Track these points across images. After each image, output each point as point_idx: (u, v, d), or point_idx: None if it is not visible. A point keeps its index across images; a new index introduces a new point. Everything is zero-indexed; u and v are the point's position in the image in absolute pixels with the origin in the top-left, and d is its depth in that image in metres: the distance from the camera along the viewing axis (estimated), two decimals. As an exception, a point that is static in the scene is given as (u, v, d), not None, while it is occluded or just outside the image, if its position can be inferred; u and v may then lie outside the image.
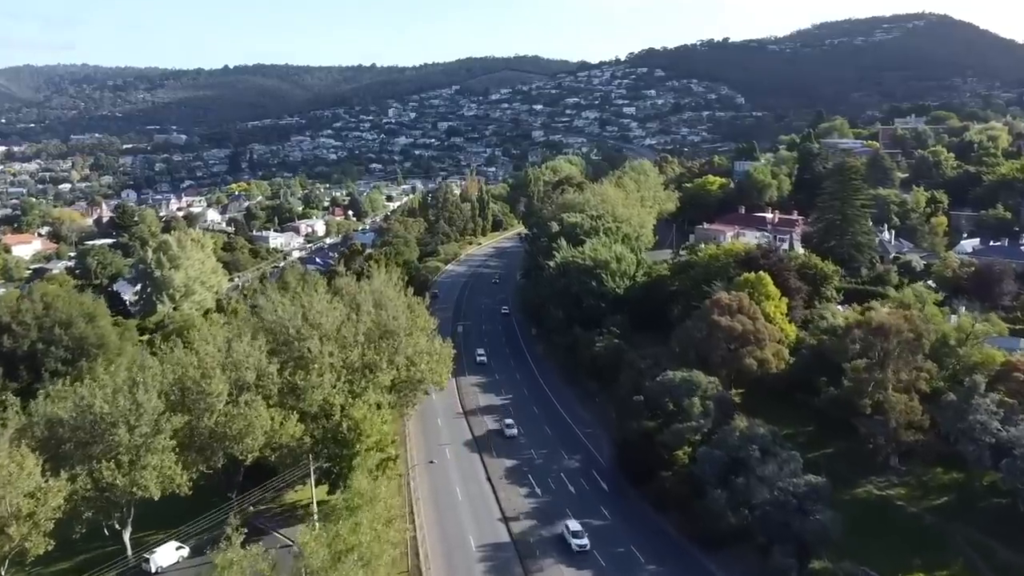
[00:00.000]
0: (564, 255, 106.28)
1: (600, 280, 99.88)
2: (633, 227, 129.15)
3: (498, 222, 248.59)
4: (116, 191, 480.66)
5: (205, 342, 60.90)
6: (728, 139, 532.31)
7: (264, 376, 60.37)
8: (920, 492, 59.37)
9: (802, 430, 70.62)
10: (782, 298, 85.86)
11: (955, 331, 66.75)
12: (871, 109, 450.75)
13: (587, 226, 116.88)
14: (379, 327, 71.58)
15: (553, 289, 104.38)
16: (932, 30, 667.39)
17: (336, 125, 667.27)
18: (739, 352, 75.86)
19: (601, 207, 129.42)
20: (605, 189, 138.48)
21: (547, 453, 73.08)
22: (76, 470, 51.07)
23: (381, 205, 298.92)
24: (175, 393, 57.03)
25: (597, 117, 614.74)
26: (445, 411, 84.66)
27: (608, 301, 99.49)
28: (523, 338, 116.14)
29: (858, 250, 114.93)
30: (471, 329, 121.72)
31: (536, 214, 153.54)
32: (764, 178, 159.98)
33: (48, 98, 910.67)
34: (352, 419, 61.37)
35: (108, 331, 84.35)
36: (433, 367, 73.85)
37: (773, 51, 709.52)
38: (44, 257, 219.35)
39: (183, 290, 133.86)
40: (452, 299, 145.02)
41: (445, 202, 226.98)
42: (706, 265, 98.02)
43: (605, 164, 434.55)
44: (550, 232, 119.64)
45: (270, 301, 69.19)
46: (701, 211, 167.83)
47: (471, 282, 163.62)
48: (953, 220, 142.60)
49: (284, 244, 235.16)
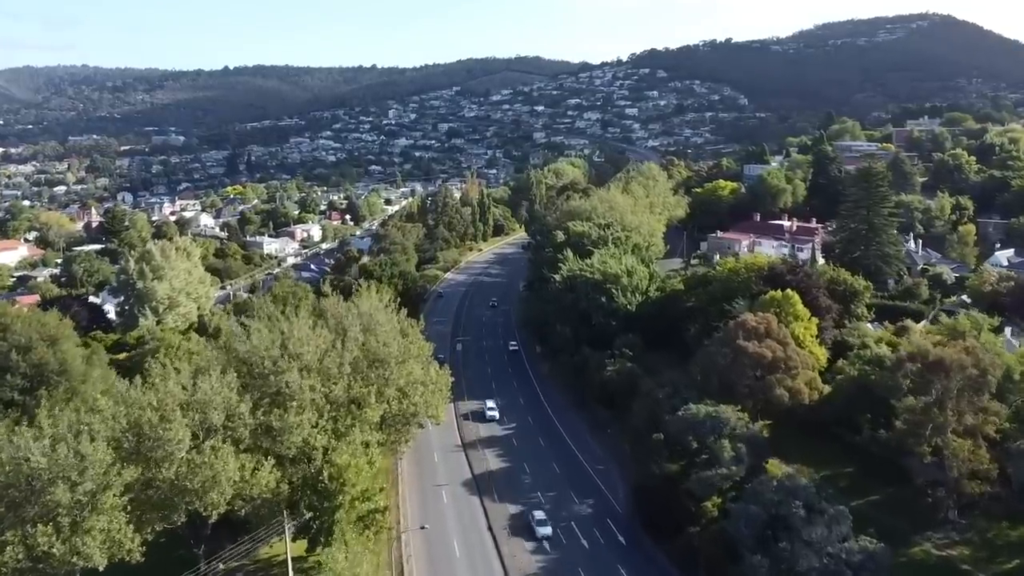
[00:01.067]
0: (571, 267, 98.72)
1: (610, 296, 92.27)
2: (643, 236, 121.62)
3: (499, 227, 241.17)
4: (112, 193, 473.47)
5: (167, 376, 53.36)
6: (731, 140, 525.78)
7: (234, 417, 52.86)
8: (986, 552, 51.71)
9: (841, 471, 63.09)
10: (811, 318, 78.45)
11: (1019, 362, 59.10)
12: (876, 110, 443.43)
13: (595, 235, 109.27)
14: (368, 355, 64.05)
15: (559, 305, 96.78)
16: (935, 31, 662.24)
17: (335, 126, 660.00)
18: (768, 381, 68.34)
19: (609, 215, 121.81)
20: (613, 195, 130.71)
21: (555, 496, 65.41)
22: (6, 536, 43.53)
23: (379, 209, 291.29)
24: (129, 440, 49.40)
25: (599, 118, 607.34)
26: (442, 443, 77.11)
27: (619, 318, 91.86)
28: (527, 356, 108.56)
29: (885, 262, 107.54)
30: (471, 346, 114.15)
31: (539, 221, 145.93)
32: (778, 183, 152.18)
33: (47, 99, 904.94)
34: (335, 466, 53.88)
35: (72, 355, 76.91)
36: (428, 399, 66.29)
37: (776, 52, 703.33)
38: (29, 264, 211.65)
39: (167, 302, 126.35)
40: (451, 311, 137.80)
41: (445, 206, 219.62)
42: (725, 280, 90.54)
43: (608, 166, 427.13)
44: (555, 242, 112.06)
45: (245, 327, 61.58)
46: (712, 217, 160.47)
47: (471, 291, 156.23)
48: (980, 228, 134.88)
49: (279, 250, 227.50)
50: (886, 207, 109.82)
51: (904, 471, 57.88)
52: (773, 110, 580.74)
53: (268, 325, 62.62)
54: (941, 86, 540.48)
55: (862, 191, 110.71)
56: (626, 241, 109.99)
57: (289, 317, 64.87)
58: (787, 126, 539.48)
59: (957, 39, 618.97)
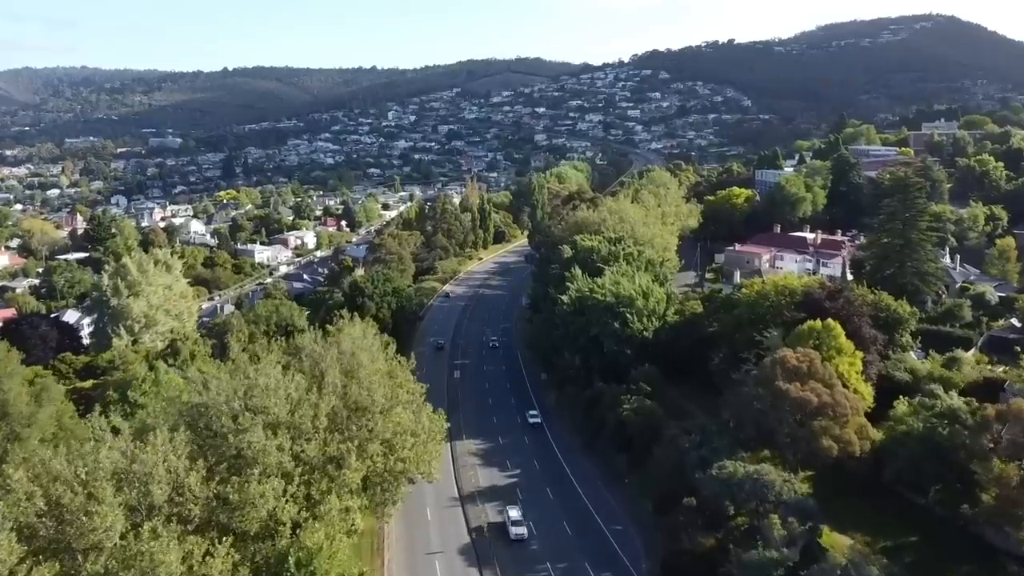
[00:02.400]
0: (580, 288, 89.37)
1: (624, 321, 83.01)
2: (656, 250, 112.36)
3: (500, 234, 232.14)
4: (106, 197, 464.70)
5: (101, 439, 44.20)
6: (736, 142, 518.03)
7: (182, 490, 43.69)
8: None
9: (904, 541, 53.65)
10: (855, 351, 69.22)
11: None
12: (881, 112, 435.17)
13: (605, 251, 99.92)
14: (348, 404, 54.87)
15: (567, 329, 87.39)
16: (940, 31, 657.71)
17: (334, 128, 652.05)
18: (812, 429, 59.08)
19: (619, 227, 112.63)
20: (623, 205, 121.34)
21: (566, 569, 55.98)
22: None
23: (376, 214, 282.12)
24: (47, 527, 40.17)
25: (601, 120, 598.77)
26: (437, 495, 67.74)
27: (634, 346, 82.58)
28: (531, 384, 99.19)
29: (923, 280, 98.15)
30: (469, 371, 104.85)
31: (544, 232, 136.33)
32: (798, 191, 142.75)
33: (45, 101, 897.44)
34: (304, 548, 44.70)
35: (15, 394, 67.88)
36: (420, 452, 57.11)
37: (779, 53, 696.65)
38: (10, 274, 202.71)
39: (143, 320, 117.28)
40: (449, 327, 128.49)
41: (443, 213, 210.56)
42: (752, 304, 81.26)
43: (611, 170, 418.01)
44: (562, 258, 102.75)
45: (203, 374, 52.38)
46: (725, 227, 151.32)
47: (472, 305, 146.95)
48: (1019, 241, 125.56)
49: (271, 258, 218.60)
50: (924, 220, 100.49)
51: (984, 543, 48.71)
52: (777, 112, 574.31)
53: (231, 369, 53.46)
54: (947, 87, 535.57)
55: (897, 202, 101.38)
56: (639, 257, 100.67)
57: (257, 356, 55.58)
58: (792, 128, 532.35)
59: (962, 40, 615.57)
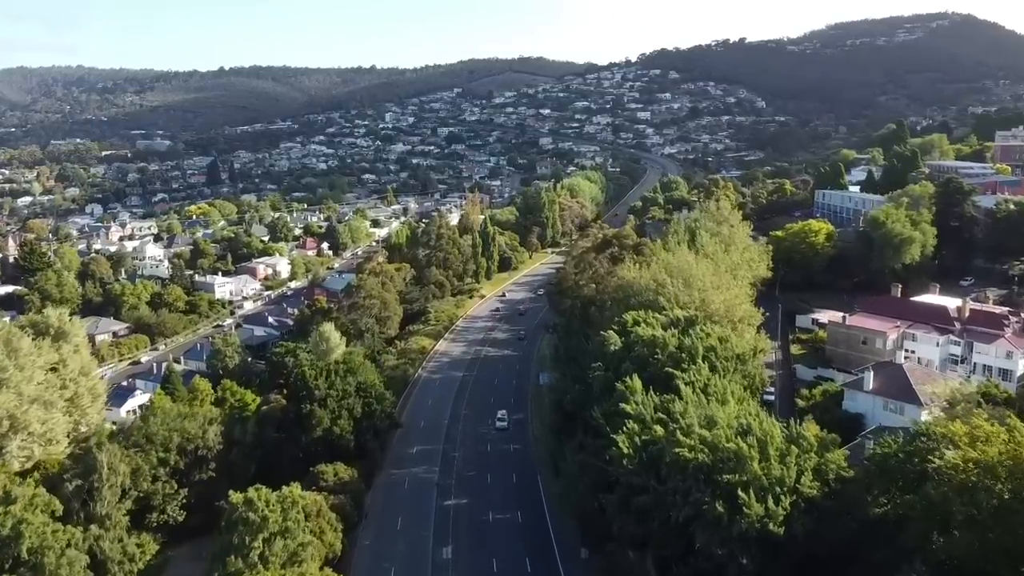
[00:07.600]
0: (639, 428, 54.63)
1: (732, 498, 48.39)
2: (735, 325, 77.80)
3: (506, 260, 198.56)
4: (81, 206, 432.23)
5: None
6: (754, 146, 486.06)
7: None
8: None
9: None
10: None
11: None
12: (902, 113, 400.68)
13: (672, 347, 65.02)
14: None
15: (627, 500, 52.91)
16: (956, 30, 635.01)
17: (329, 130, 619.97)
18: None
19: (684, 294, 77.88)
20: (683, 260, 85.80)
21: None
22: None
23: (364, 234, 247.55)
24: None
25: (609, 122, 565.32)
26: None
27: (749, 542, 48.06)
28: (562, 557, 63.74)
29: None
30: (463, 526, 69.58)
31: (571, 296, 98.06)
32: (902, 229, 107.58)
33: (35, 101, 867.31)
34: None
35: None
36: None
37: (792, 52, 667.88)
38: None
39: (6, 425, 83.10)
40: (439, 434, 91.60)
41: (439, 239, 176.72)
42: (961, 470, 46.47)
43: (626, 179, 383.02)
44: (605, 351, 67.91)
45: None
46: (800, 273, 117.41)
47: (471, 381, 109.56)
48: None
49: (234, 292, 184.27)
50: None
51: None
52: (793, 113, 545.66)
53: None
54: (967, 88, 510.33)
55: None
56: (724, 349, 65.99)
57: None
58: (810, 131, 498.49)
59: (979, 39, 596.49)
